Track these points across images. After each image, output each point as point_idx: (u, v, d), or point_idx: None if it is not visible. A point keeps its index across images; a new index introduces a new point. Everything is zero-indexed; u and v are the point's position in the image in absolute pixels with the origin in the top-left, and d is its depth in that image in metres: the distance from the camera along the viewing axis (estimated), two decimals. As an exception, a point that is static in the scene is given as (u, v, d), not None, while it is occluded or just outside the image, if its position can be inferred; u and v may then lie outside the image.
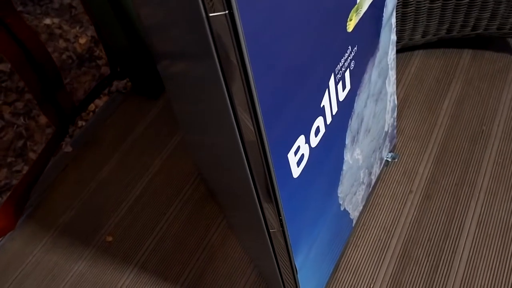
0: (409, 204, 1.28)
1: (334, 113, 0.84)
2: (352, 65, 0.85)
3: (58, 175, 1.55)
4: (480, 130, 1.39)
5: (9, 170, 1.78)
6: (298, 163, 0.76)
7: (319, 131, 0.80)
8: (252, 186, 0.72)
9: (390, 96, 1.15)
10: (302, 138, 0.74)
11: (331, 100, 0.80)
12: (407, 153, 1.38)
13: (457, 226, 1.21)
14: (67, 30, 2.24)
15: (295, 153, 0.74)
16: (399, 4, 1.33)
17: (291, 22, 0.60)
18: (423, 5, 1.33)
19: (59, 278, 1.29)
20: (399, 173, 1.34)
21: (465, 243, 1.18)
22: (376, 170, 1.24)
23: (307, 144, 0.77)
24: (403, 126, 1.43)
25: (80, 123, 1.88)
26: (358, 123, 0.98)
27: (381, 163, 1.27)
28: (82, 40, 2.19)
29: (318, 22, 0.67)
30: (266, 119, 0.62)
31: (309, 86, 0.71)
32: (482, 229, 1.20)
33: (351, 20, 0.79)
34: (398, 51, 1.58)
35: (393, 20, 0.99)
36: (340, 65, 0.80)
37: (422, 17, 1.36)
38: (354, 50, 0.84)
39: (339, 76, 0.81)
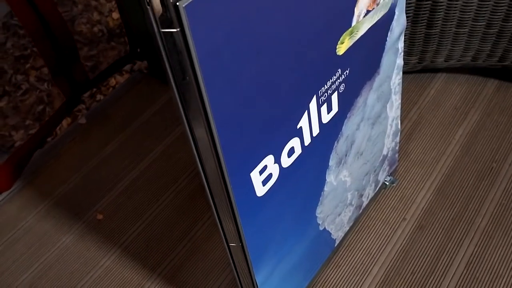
0: (400, 232, 1.24)
1: (314, 135, 0.81)
2: (342, 88, 0.82)
3: (65, 145, 1.58)
4: (489, 167, 1.32)
5: (26, 132, 1.84)
6: (264, 182, 0.74)
7: (294, 152, 0.78)
8: (211, 199, 0.71)
9: (392, 121, 1.10)
10: (270, 158, 0.73)
11: (311, 121, 0.78)
12: (408, 179, 1.33)
13: (444, 264, 1.17)
14: (103, 3, 2.28)
15: (261, 172, 0.72)
16: (423, 24, 1.27)
17: (258, 42, 0.58)
18: (449, 28, 1.26)
19: (46, 247, 1.33)
20: (395, 198, 1.30)
21: (449, 284, 1.13)
22: (370, 193, 1.21)
23: (276, 164, 0.75)
24: (410, 150, 1.38)
25: (98, 97, 1.92)
26: (347, 145, 0.95)
27: (376, 186, 1.23)
28: (115, 15, 2.22)
29: (296, 44, 0.65)
30: (222, 138, 0.61)
31: (282, 107, 0.69)
32: (470, 271, 1.15)
33: (342, 43, 0.76)
34: (418, 72, 1.51)
35: (401, 45, 0.95)
36: (326, 87, 0.77)
37: (447, 41, 1.30)
38: (345, 73, 0.81)
39: (323, 98, 0.78)
